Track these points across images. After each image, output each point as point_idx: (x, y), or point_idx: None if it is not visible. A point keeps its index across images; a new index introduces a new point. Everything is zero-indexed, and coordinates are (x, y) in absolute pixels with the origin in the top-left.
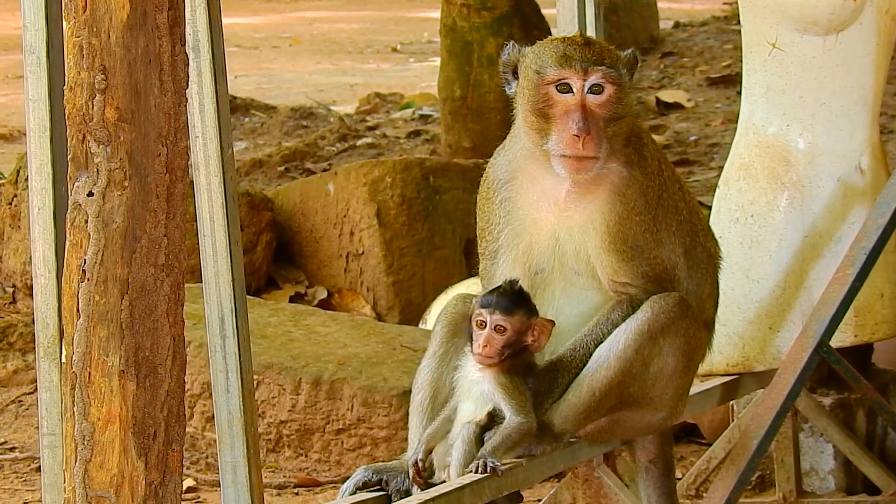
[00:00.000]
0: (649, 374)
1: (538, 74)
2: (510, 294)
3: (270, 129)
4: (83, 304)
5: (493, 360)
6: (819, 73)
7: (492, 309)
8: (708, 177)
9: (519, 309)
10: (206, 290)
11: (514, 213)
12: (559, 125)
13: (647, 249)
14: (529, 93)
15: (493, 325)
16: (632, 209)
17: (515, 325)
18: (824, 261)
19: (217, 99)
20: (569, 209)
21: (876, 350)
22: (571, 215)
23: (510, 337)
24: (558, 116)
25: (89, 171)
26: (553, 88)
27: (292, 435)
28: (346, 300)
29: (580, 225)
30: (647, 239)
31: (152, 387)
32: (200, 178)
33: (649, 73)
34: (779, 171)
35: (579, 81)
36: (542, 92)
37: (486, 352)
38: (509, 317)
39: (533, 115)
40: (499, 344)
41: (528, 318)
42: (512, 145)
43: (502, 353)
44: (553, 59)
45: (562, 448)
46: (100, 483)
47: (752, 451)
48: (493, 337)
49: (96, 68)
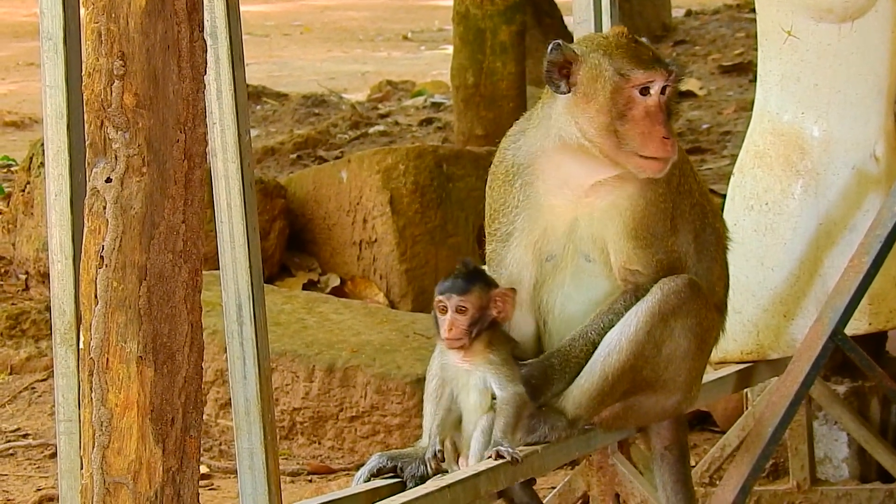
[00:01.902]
0: (662, 357)
1: (622, 77)
2: (464, 274)
3: (282, 117)
4: (101, 291)
5: (462, 341)
6: (834, 60)
7: (448, 292)
8: (720, 165)
9: (474, 285)
10: (224, 277)
11: (533, 198)
12: (640, 127)
13: (665, 237)
14: (604, 95)
15: (453, 308)
16: (658, 195)
17: (475, 301)
18: (839, 248)
19: (234, 85)
20: (592, 195)
21: (890, 338)
22: (594, 201)
23: (473, 315)
24: (639, 118)
25: (107, 158)
26: (636, 91)
27: (306, 422)
28: (359, 288)
29: (603, 210)
30: (665, 226)
31: (170, 373)
32: (218, 164)
33: None
34: (793, 159)
35: (660, 84)
36: (625, 94)
37: (452, 334)
38: (467, 295)
39: (607, 116)
40: (463, 324)
41: (486, 292)
42: (535, 131)
43: (470, 332)
44: (637, 61)
45: (576, 435)
46: (117, 469)
47: (766, 439)
48: (456, 319)
49: (115, 54)
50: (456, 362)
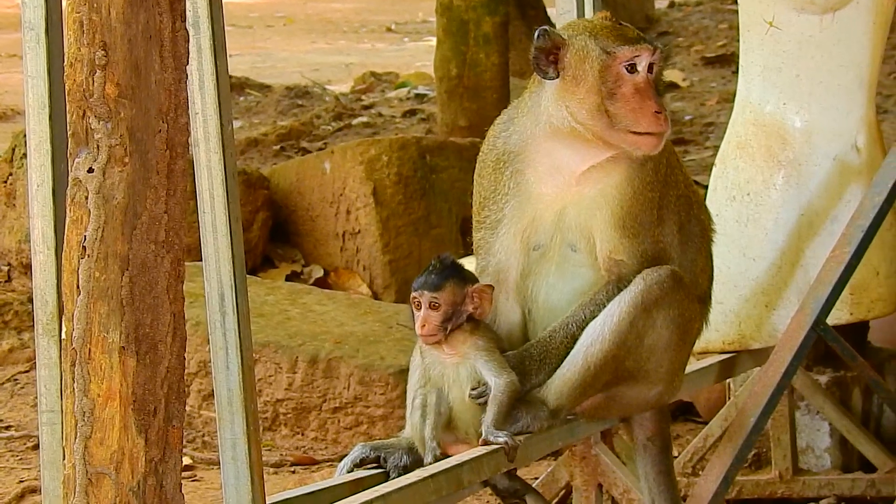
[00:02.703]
0: (644, 347)
1: (608, 55)
2: (438, 269)
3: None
4: (83, 281)
5: (435, 337)
6: (816, 51)
7: (421, 289)
8: (703, 156)
9: (448, 281)
10: (206, 267)
11: (523, 186)
12: (631, 103)
13: (651, 227)
14: (592, 75)
15: (426, 304)
16: (646, 184)
17: (448, 297)
18: (820, 239)
19: (217, 75)
20: (581, 183)
21: (872, 328)
22: (582, 190)
23: (447, 311)
24: (629, 96)
25: (90, 147)
26: (623, 68)
27: (289, 413)
28: (342, 279)
29: (591, 198)
30: (651, 216)
31: (152, 363)
32: (200, 154)
33: None
34: (775, 150)
35: (647, 60)
36: (613, 72)
37: (425, 330)
38: (439, 291)
39: (598, 96)
40: (436, 320)
41: (461, 288)
42: (525, 119)
43: (443, 327)
44: (622, 39)
45: (559, 426)
46: (100, 460)
47: (748, 430)
48: (429, 315)
49: (97, 44)
50: (442, 358)
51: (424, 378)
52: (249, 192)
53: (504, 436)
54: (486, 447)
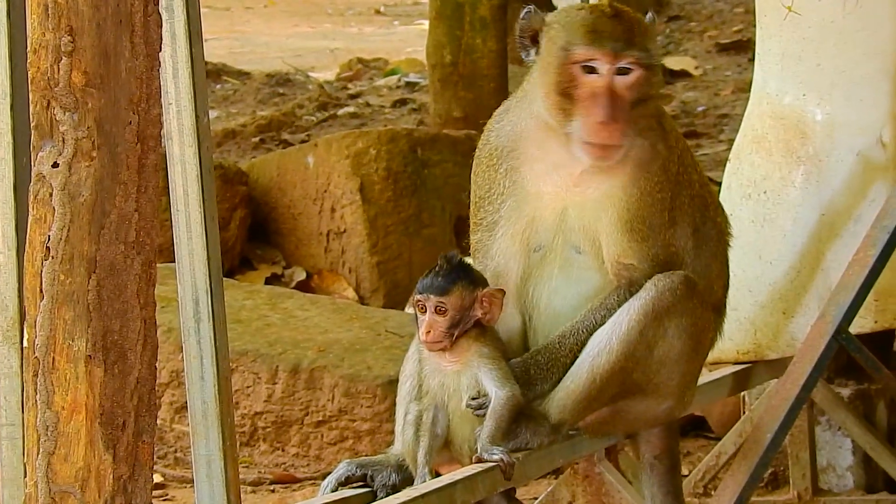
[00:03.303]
0: (654, 359)
1: (564, 52)
2: (446, 271)
3: (244, 97)
4: (47, 284)
5: (441, 344)
6: (838, 38)
7: (426, 292)
8: (717, 150)
9: (456, 285)
10: (180, 270)
11: (520, 184)
12: (584, 108)
13: (661, 230)
14: (552, 69)
15: (432, 308)
16: (654, 185)
17: (455, 302)
18: (842, 241)
19: (192, 62)
20: (583, 183)
21: None
22: (585, 190)
23: (454, 316)
24: (583, 98)
25: (54, 140)
26: (579, 68)
27: (268, 427)
28: (326, 282)
29: (595, 200)
30: (662, 218)
31: (121, 373)
32: (174, 148)
33: None
34: (794, 145)
35: (607, 65)
36: (567, 71)
37: (430, 337)
38: (446, 296)
39: (555, 93)
40: (443, 326)
41: (470, 292)
42: (518, 110)
43: (450, 334)
44: (581, 36)
45: (560, 441)
46: (64, 477)
47: (764, 446)
48: (435, 320)
49: (62, 29)
50: (443, 366)
51: (419, 389)
52: (226, 188)
53: (499, 452)
54: (481, 465)
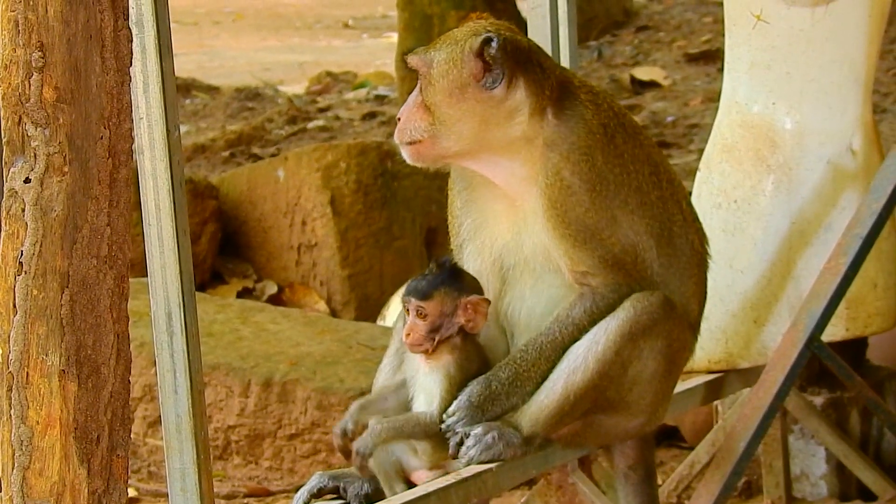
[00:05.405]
0: (627, 378)
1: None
2: (432, 276)
3: (213, 112)
4: (20, 299)
5: (422, 346)
6: (807, 47)
7: (409, 295)
8: (687, 160)
9: (437, 290)
10: (152, 284)
11: (474, 204)
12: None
13: (599, 230)
14: None
15: (414, 311)
16: (567, 187)
17: (436, 308)
18: (813, 249)
19: (162, 77)
20: (514, 195)
21: (870, 345)
22: (521, 203)
23: (434, 321)
24: None
25: (26, 156)
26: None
27: (241, 441)
28: (297, 295)
29: (529, 211)
30: (596, 218)
31: (95, 388)
32: (145, 162)
33: (623, 49)
34: (764, 153)
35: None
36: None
37: (410, 339)
38: (427, 301)
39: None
40: (423, 330)
41: (452, 299)
42: None
43: (430, 338)
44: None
45: (533, 452)
46: (39, 492)
47: (737, 455)
48: (416, 323)
49: (33, 45)
50: (420, 362)
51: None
52: (197, 203)
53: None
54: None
